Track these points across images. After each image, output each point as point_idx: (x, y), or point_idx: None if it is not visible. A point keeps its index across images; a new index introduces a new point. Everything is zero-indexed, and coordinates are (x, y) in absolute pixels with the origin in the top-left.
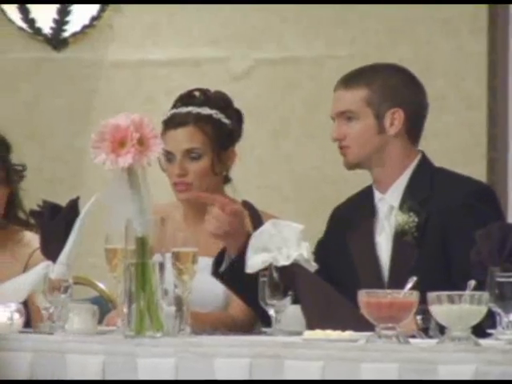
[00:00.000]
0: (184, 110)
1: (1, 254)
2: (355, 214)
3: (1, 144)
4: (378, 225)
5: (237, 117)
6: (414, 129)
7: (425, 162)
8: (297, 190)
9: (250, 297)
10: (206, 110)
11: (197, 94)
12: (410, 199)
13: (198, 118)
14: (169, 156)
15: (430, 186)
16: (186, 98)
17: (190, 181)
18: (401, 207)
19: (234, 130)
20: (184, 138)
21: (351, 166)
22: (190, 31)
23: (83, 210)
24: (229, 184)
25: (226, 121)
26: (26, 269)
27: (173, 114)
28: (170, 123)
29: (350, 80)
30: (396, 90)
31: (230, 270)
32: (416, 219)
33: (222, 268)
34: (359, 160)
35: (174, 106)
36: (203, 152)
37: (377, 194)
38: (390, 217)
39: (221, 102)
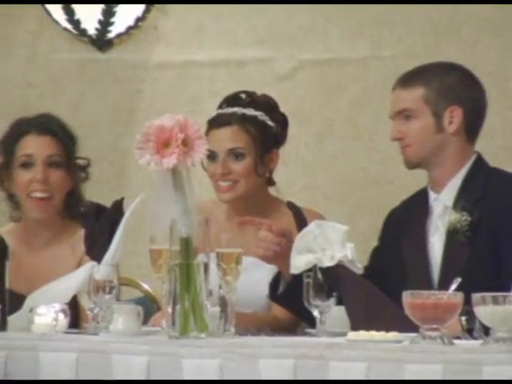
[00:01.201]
0: (229, 110)
1: (57, 245)
2: (409, 216)
3: (67, 136)
4: (432, 225)
5: (282, 120)
6: (472, 127)
7: (480, 162)
8: (341, 190)
9: (308, 316)
10: (251, 112)
11: (243, 95)
12: (464, 199)
13: (243, 119)
14: (212, 155)
15: (484, 186)
16: (232, 100)
17: (234, 180)
18: (454, 206)
19: (278, 133)
20: (228, 138)
21: (412, 165)
22: (235, 32)
23: (128, 211)
24: (273, 187)
25: (271, 123)
26: (80, 265)
27: (217, 114)
28: (214, 123)
29: (407, 79)
30: (454, 88)
31: (287, 292)
32: (469, 218)
33: (280, 291)
34: (420, 159)
35: (220, 107)
36: (246, 152)
37: (431, 195)
38: (443, 217)
39: (266, 104)
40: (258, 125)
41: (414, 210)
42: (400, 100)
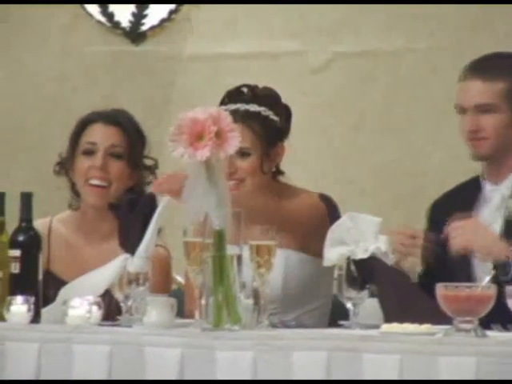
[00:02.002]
0: (232, 106)
1: (113, 240)
2: (459, 208)
3: (135, 132)
4: (490, 216)
5: (285, 113)
6: None
7: None
8: (375, 183)
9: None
10: (254, 107)
11: (245, 90)
12: None
13: (246, 116)
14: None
15: None
16: (234, 95)
17: (240, 179)
18: None
19: (282, 127)
20: None
21: (481, 158)
22: (268, 24)
23: (161, 204)
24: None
25: (274, 117)
26: None
27: None
28: None
29: (486, 71)
30: None
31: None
32: None
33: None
34: (493, 152)
35: (222, 103)
36: (252, 150)
37: (487, 185)
38: (501, 206)
39: (269, 98)
40: (262, 121)
41: (465, 201)
42: (480, 93)
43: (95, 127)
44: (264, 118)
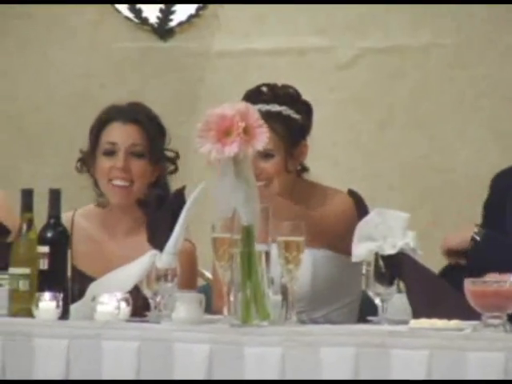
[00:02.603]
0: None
1: (138, 234)
2: None
3: (154, 126)
4: None
5: (306, 110)
6: None
7: None
8: (403, 179)
9: None
10: (275, 107)
11: (264, 89)
12: None
13: (268, 117)
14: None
15: None
16: (254, 95)
17: (267, 179)
18: None
19: (304, 125)
20: None
21: None
22: (296, 20)
23: (189, 199)
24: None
25: (296, 116)
26: None
27: None
28: None
29: None
30: None
31: None
32: None
33: None
34: None
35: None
36: (275, 151)
37: None
38: None
39: (289, 96)
40: (284, 120)
41: None
42: None
43: (114, 126)
44: (285, 117)
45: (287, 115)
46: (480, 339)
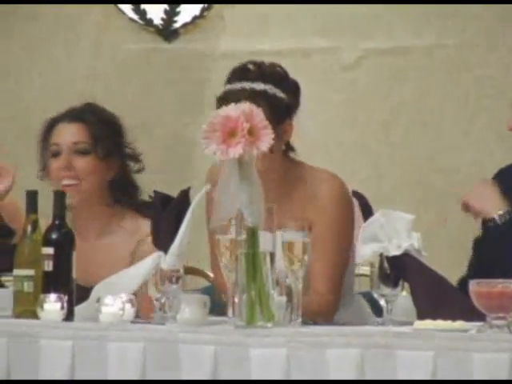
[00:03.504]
0: (238, 85)
1: (109, 235)
2: None
3: (103, 124)
4: None
5: (293, 89)
6: None
7: None
8: (407, 179)
9: None
10: (260, 86)
11: (251, 67)
12: None
13: (252, 95)
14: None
15: None
16: (240, 73)
17: None
18: None
19: (290, 104)
20: None
21: None
22: (300, 22)
23: (194, 201)
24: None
25: (282, 95)
26: (133, 255)
27: (226, 92)
28: (224, 101)
29: None
30: None
31: None
32: None
33: None
34: None
35: (228, 81)
36: None
37: None
38: None
39: (276, 74)
40: (269, 99)
41: None
42: None
43: (60, 127)
44: (270, 96)
45: (272, 94)
46: (485, 340)
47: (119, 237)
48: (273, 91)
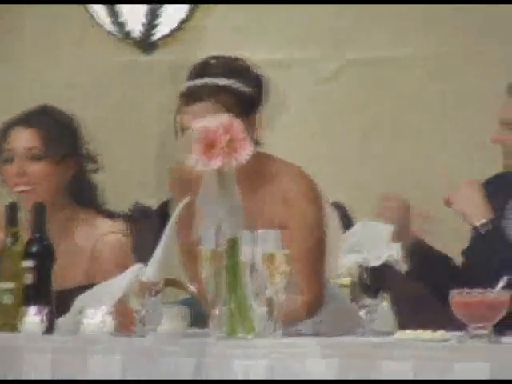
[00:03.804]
0: (200, 81)
1: (65, 237)
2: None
3: (57, 128)
4: None
5: (257, 82)
6: None
7: None
8: (387, 190)
9: None
10: (222, 81)
11: (212, 62)
12: None
13: (215, 91)
14: (187, 132)
15: None
16: (202, 68)
17: None
18: None
19: (254, 98)
20: (201, 114)
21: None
22: (279, 32)
23: (174, 212)
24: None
25: (245, 89)
26: (92, 254)
27: (189, 88)
28: (186, 98)
29: None
30: None
31: None
32: None
33: None
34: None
35: (190, 77)
36: None
37: None
38: None
39: (238, 69)
40: (232, 94)
41: None
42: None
43: (13, 133)
44: (233, 91)
45: (236, 89)
46: (465, 350)
47: (79, 237)
48: (236, 86)
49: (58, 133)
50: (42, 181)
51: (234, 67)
